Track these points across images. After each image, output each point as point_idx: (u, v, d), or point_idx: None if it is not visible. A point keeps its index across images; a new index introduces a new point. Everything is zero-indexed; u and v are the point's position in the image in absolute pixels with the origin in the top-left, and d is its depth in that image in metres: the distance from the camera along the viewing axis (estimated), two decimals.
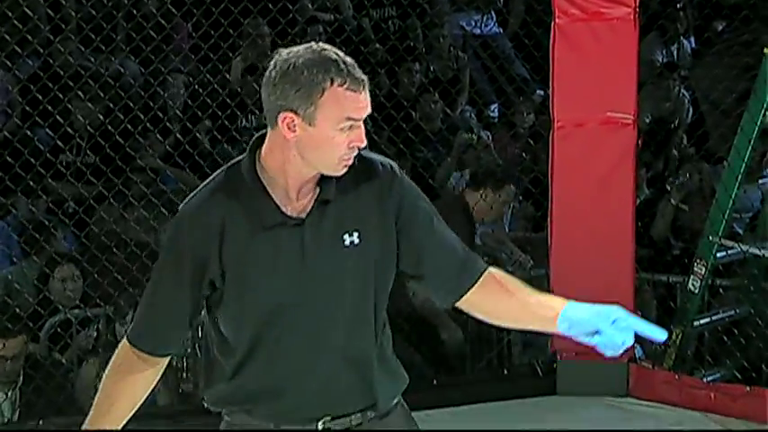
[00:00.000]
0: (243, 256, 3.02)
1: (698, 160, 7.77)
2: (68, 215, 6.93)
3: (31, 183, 6.92)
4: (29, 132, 7.31)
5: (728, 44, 6.82)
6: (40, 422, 5.92)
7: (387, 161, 3.14)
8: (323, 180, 3.05)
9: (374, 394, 3.13)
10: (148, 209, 7.12)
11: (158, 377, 3.22)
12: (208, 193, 3.08)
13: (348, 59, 3.00)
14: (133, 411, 3.23)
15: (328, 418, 3.10)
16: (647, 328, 3.06)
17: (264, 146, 3.08)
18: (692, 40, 9.44)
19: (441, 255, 3.17)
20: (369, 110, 3.02)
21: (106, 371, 3.19)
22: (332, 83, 2.95)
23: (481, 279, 3.19)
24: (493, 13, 9.25)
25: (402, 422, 3.20)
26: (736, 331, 6.76)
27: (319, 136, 2.99)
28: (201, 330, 6.91)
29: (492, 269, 3.22)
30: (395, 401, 3.20)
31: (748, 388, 6.36)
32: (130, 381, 3.18)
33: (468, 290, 3.18)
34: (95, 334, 6.42)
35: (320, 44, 3.02)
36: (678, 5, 9.29)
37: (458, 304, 3.22)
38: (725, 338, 6.76)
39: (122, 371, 3.17)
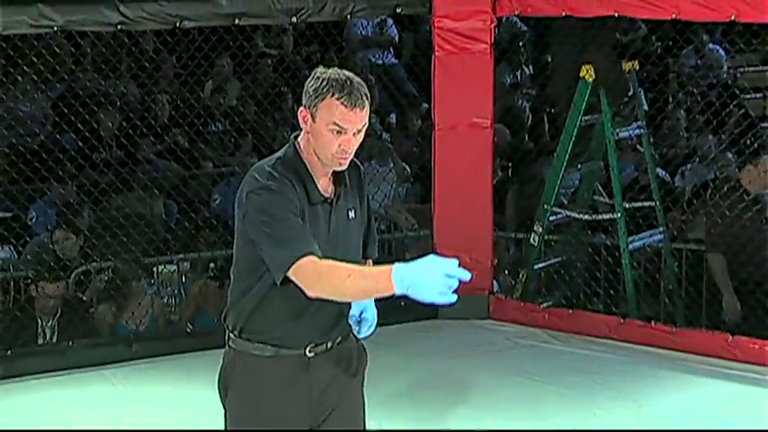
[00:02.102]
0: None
1: (536, 155, 7.76)
2: (88, 195, 6.87)
3: (61, 172, 6.90)
4: (58, 137, 7.30)
5: (555, 70, 6.87)
6: (71, 342, 5.84)
7: (359, 162, 3.12)
8: (335, 171, 3.02)
9: (348, 327, 3.13)
10: (145, 191, 7.18)
11: None
12: (277, 174, 2.95)
13: (357, 86, 2.90)
14: None
15: (312, 344, 3.04)
16: (369, 329, 3.19)
17: (302, 142, 3.01)
18: (531, 67, 9.49)
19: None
20: (358, 126, 2.92)
21: (329, 280, 2.83)
22: (332, 95, 2.90)
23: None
24: (391, 48, 9.25)
25: (354, 345, 3.18)
26: (562, 272, 6.81)
27: (317, 130, 2.94)
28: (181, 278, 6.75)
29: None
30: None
31: (570, 311, 6.43)
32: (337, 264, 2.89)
33: None
34: (107, 279, 6.32)
35: (345, 71, 2.96)
36: (520, 43, 9.33)
37: None
38: (555, 277, 6.81)
39: (329, 267, 2.86)
